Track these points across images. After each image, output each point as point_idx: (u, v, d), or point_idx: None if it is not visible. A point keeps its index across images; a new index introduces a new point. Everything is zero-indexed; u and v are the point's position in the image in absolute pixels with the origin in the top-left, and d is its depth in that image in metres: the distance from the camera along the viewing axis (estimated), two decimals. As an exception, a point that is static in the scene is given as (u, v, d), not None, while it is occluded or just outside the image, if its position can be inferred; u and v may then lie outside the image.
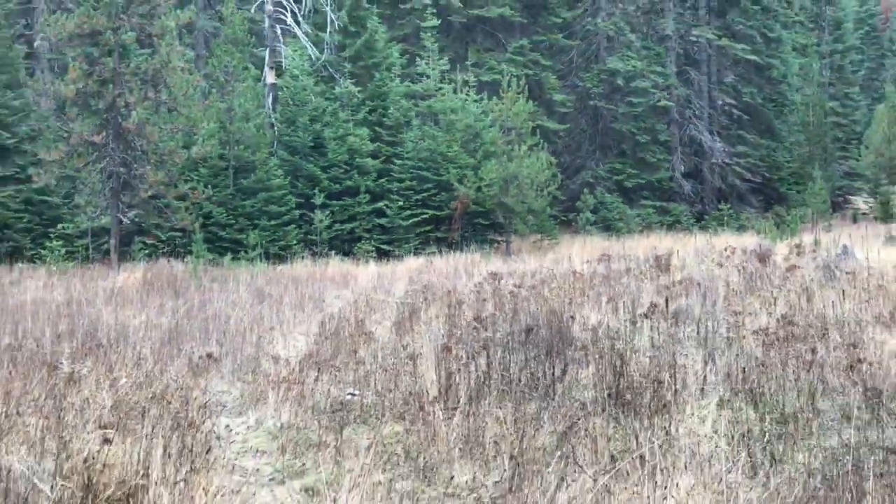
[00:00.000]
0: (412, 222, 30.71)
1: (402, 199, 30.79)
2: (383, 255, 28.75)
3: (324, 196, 29.50)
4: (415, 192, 31.05)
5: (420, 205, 31.01)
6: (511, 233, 32.01)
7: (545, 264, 22.42)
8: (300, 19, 32.93)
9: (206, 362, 10.24)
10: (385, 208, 30.50)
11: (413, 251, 29.33)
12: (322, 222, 29.01)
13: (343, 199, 30.09)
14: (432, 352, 9.78)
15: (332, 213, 29.54)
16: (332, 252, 28.38)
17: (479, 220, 31.94)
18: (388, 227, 30.45)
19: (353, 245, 29.25)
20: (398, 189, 30.90)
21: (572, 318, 11.91)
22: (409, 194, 30.97)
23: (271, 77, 32.39)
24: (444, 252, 28.31)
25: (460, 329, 11.47)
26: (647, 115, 41.96)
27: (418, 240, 30.55)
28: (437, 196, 31.23)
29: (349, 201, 30.08)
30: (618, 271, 18.65)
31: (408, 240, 30.28)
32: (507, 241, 31.74)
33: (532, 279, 17.79)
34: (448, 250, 28.85)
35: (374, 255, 28.34)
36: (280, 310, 14.70)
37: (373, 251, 28.89)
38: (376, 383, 8.96)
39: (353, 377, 9.36)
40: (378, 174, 30.79)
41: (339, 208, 29.87)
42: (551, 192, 32.70)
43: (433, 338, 10.87)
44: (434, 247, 29.70)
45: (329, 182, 29.92)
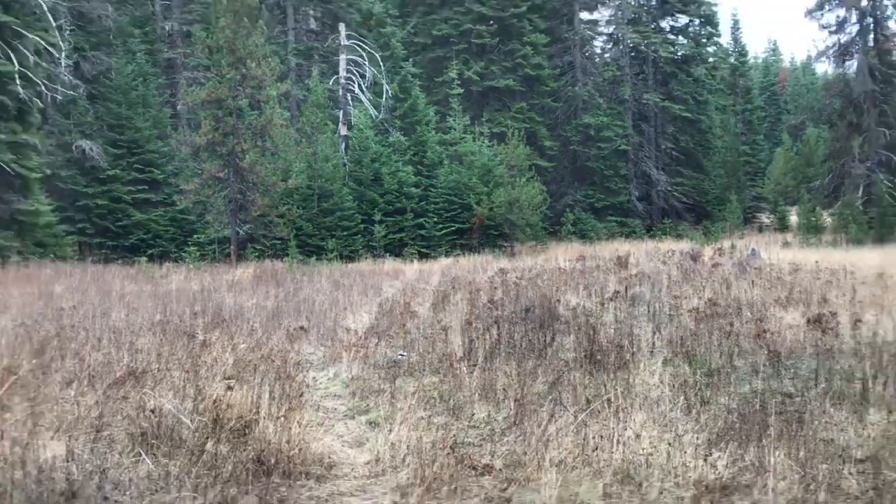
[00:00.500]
0: (443, 233, 30.67)
1: (436, 216, 30.77)
2: (423, 257, 28.74)
3: (381, 214, 29.55)
4: (445, 212, 31.02)
5: (449, 220, 30.97)
6: (514, 240, 31.95)
7: (538, 263, 22.40)
8: (364, 89, 33.02)
9: (299, 332, 10.29)
10: (424, 223, 30.48)
11: (444, 254, 29.32)
12: (380, 233, 29.05)
13: (394, 216, 30.09)
14: (458, 325, 9.81)
15: (386, 227, 29.55)
16: (387, 254, 28.42)
17: (491, 231, 31.88)
18: (427, 237, 30.43)
19: (402, 249, 29.25)
20: (433, 209, 30.87)
21: (558, 300, 11.89)
22: (441, 213, 30.95)
23: (344, 130, 32.47)
24: (466, 254, 28.34)
25: (478, 309, 11.47)
26: (611, 156, 41.73)
27: (448, 245, 30.51)
28: (461, 214, 31.19)
29: (399, 218, 30.07)
30: (590, 267, 18.61)
31: (440, 245, 30.26)
32: (511, 246, 31.67)
33: (529, 273, 17.77)
34: (469, 253, 28.88)
35: (416, 257, 28.36)
36: (350, 295, 14.76)
37: (416, 254, 28.90)
38: (419, 347, 8.98)
39: (402, 343, 9.39)
40: (419, 199, 30.78)
41: (391, 223, 29.87)
42: (542, 211, 32.72)
43: (459, 315, 10.89)
44: (459, 250, 29.71)
45: (384, 204, 29.94)
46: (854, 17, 36.91)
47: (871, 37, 36.54)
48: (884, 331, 9.05)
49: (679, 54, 45.52)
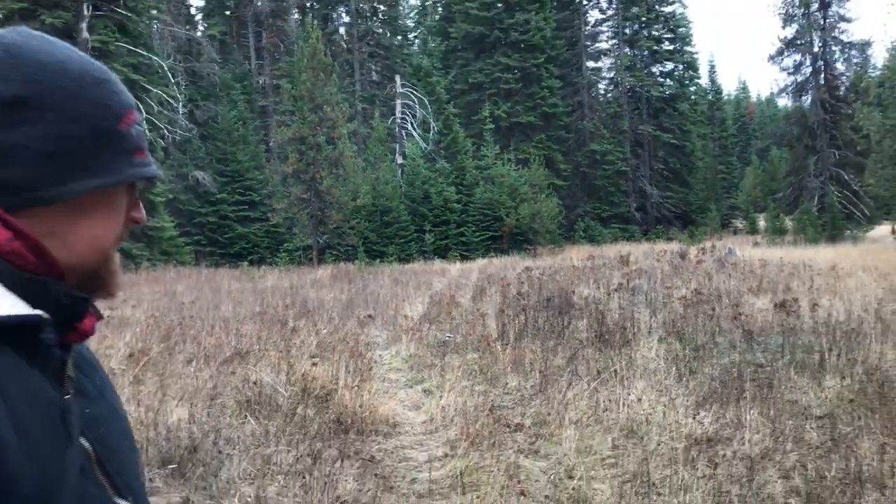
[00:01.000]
0: (480, 239, 30.55)
1: (474, 226, 30.65)
2: (464, 258, 28.64)
3: (430, 225, 29.54)
4: (481, 222, 30.89)
5: (484, 229, 30.84)
6: (536, 244, 31.74)
7: (556, 262, 22.25)
8: (415, 127, 33.14)
9: (367, 320, 10.37)
10: (464, 231, 30.37)
11: (481, 256, 29.20)
12: (429, 240, 29.07)
13: (441, 227, 30.04)
14: (493, 312, 9.79)
15: (434, 235, 29.53)
16: (435, 257, 28.39)
17: (518, 237, 31.67)
18: (467, 243, 30.34)
19: (447, 253, 29.18)
20: (472, 220, 30.74)
21: (573, 292, 11.82)
22: (478, 223, 30.82)
23: (400, 159, 32.57)
24: (498, 256, 28.19)
25: (509, 299, 11.45)
26: (613, 175, 41.41)
27: (483, 249, 30.35)
28: (494, 224, 31.04)
29: (444, 228, 30.04)
30: (598, 265, 18.44)
31: (478, 249, 30.14)
32: (534, 249, 31.49)
33: (549, 270, 17.70)
34: (501, 255, 28.72)
35: (459, 258, 28.29)
36: (407, 290, 14.84)
37: (458, 256, 28.81)
38: (462, 330, 8.99)
39: (449, 327, 9.40)
40: (460, 212, 30.71)
41: (438, 232, 29.83)
42: (559, 221, 32.50)
43: (494, 304, 10.88)
44: (493, 253, 29.50)
45: (433, 217, 29.93)
46: (808, 61, 37.75)
47: (822, 76, 37.24)
48: (836, 312, 9.03)
49: (667, 93, 45.21)
